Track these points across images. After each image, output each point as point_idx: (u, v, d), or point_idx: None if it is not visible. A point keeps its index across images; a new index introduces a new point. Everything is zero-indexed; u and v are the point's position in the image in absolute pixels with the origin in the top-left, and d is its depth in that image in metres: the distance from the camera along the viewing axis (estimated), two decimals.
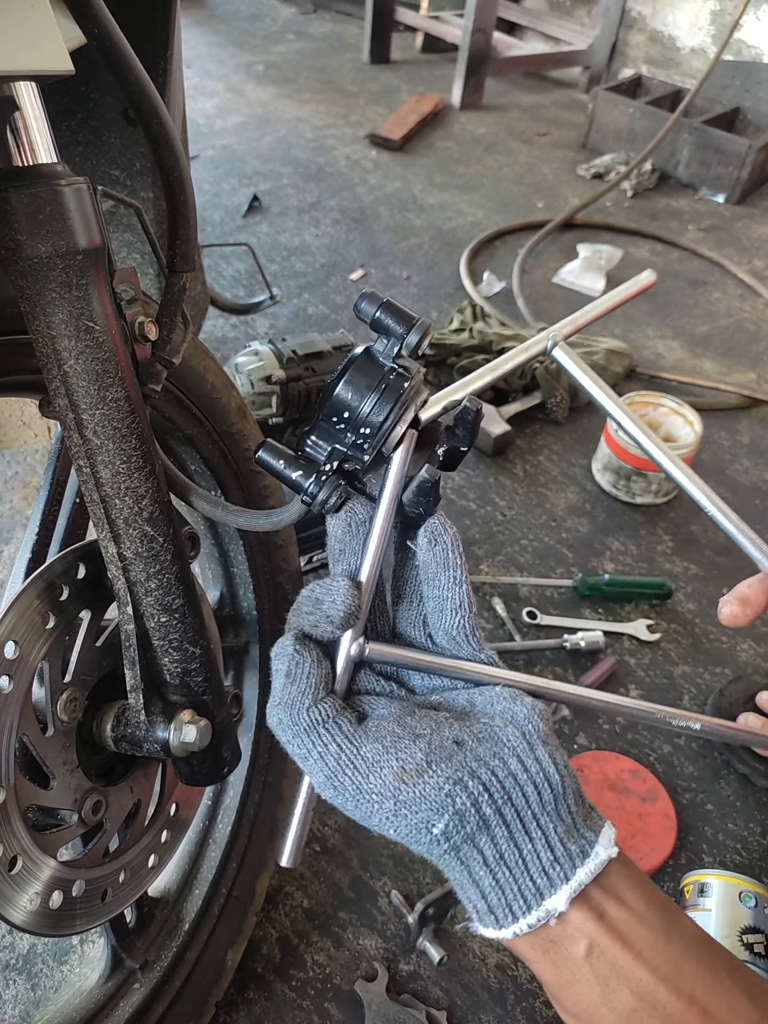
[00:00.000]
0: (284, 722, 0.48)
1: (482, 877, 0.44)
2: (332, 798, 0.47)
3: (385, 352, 0.50)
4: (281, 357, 1.39)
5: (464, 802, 0.44)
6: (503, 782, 0.45)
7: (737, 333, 2.44)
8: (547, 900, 0.43)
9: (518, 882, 0.44)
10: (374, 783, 0.45)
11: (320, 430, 0.51)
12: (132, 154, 0.91)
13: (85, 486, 0.58)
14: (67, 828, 0.64)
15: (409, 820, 0.44)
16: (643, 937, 0.44)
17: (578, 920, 0.43)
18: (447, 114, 3.71)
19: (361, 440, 0.50)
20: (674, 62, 3.91)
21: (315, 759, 0.46)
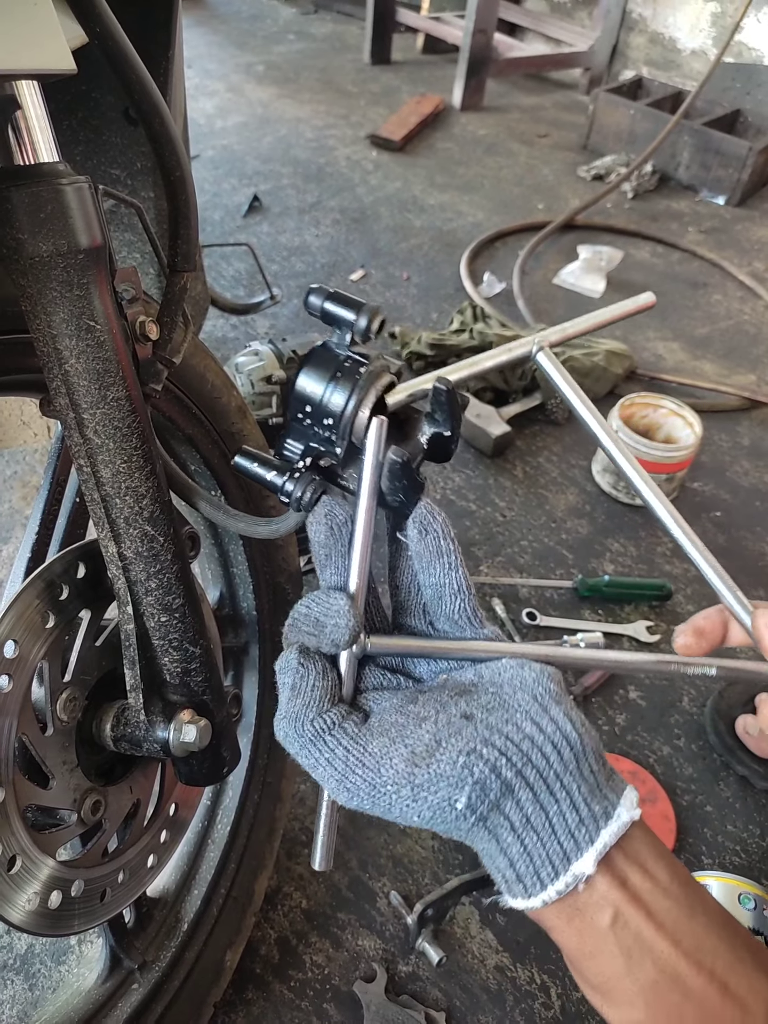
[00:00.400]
0: (290, 735, 0.48)
1: (510, 844, 0.44)
2: (348, 801, 0.46)
3: (339, 343, 0.50)
4: (281, 357, 1.39)
5: (483, 770, 0.43)
6: (519, 745, 0.44)
7: (737, 335, 2.44)
8: (574, 864, 0.43)
9: (546, 847, 0.43)
10: (386, 774, 0.45)
11: (292, 430, 0.52)
12: (133, 153, 0.91)
13: (85, 485, 0.57)
14: (66, 828, 0.64)
15: (430, 802, 0.44)
16: (666, 909, 0.43)
17: (603, 888, 0.43)
18: (448, 115, 3.71)
19: (328, 432, 0.50)
20: (675, 64, 3.92)
21: (323, 766, 0.46)
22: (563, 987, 1.07)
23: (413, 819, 0.45)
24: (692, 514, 1.80)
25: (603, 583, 1.57)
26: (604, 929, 0.43)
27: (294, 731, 0.47)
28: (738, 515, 1.81)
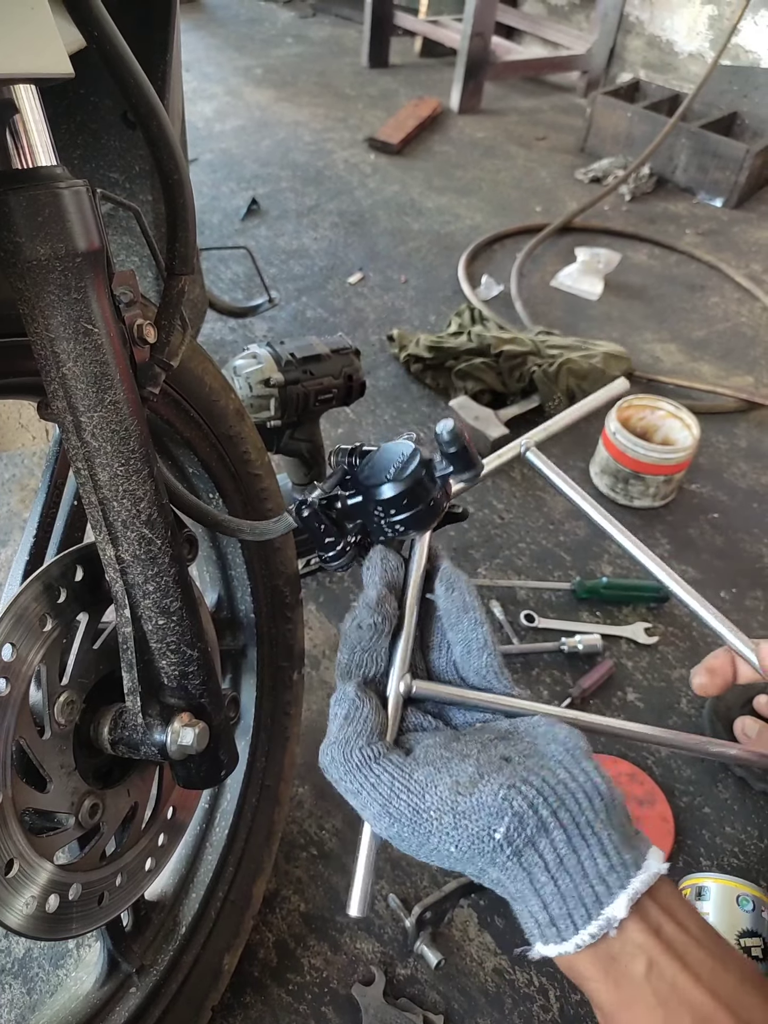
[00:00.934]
0: (337, 760, 0.51)
1: (544, 884, 0.44)
2: (388, 828, 0.48)
3: (440, 473, 0.57)
4: (279, 360, 1.38)
5: (521, 804, 0.45)
6: (555, 788, 0.46)
7: (735, 337, 2.45)
8: (606, 908, 0.43)
9: (578, 889, 0.44)
10: (430, 800, 0.47)
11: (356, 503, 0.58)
12: (131, 157, 0.91)
13: (83, 488, 0.57)
14: (64, 831, 0.64)
15: (470, 829, 0.45)
16: (701, 960, 0.43)
17: (637, 936, 0.43)
18: (445, 118, 3.72)
19: (388, 530, 0.57)
20: (672, 67, 3.92)
21: (368, 791, 0.49)
22: (561, 990, 1.07)
23: (451, 848, 0.46)
24: (690, 516, 1.80)
25: (601, 585, 1.57)
26: (639, 978, 0.43)
27: (342, 756, 0.50)
28: (736, 517, 1.81)
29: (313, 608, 1.52)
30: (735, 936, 1.02)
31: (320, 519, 0.58)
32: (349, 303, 2.43)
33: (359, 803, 0.50)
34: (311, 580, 1.57)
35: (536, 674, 1.44)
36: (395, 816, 0.47)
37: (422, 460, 0.56)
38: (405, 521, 0.56)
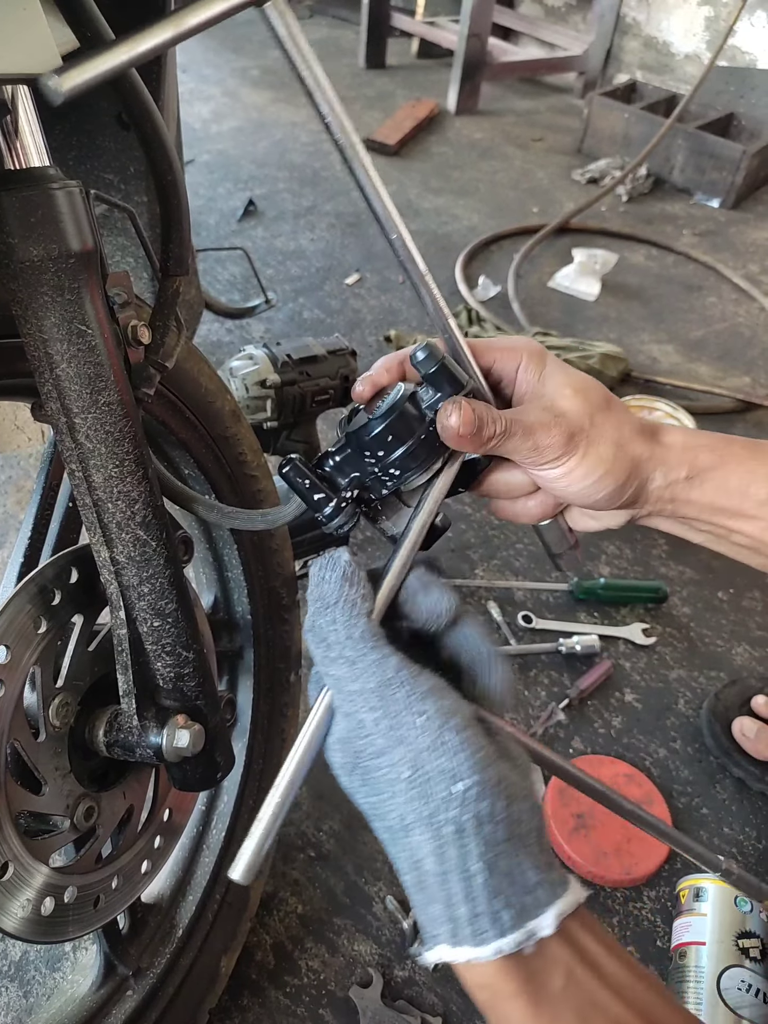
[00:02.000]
0: (338, 623, 0.46)
1: (474, 875, 0.41)
2: (368, 711, 0.44)
3: (429, 403, 0.53)
4: (276, 361, 1.38)
5: (491, 777, 0.42)
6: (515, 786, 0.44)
7: (732, 337, 2.45)
8: (532, 921, 0.41)
9: (507, 893, 0.41)
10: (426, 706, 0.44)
11: (346, 455, 0.53)
12: (126, 158, 0.91)
13: (77, 490, 0.57)
14: (59, 834, 0.64)
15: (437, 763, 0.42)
16: (616, 971, 0.42)
17: (556, 949, 0.42)
18: (443, 119, 3.72)
19: (386, 478, 0.53)
20: (669, 68, 3.93)
21: (369, 664, 0.45)
22: None
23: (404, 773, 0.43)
24: None
25: (599, 586, 1.57)
26: (558, 993, 0.41)
27: (347, 619, 0.46)
28: None
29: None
30: (733, 937, 1.01)
31: (303, 474, 0.53)
32: (346, 304, 2.42)
33: (350, 672, 0.45)
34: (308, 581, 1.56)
35: (534, 675, 1.44)
36: (386, 701, 0.44)
37: (405, 392, 0.53)
38: (397, 461, 0.52)
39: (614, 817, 1.19)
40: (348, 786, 0.47)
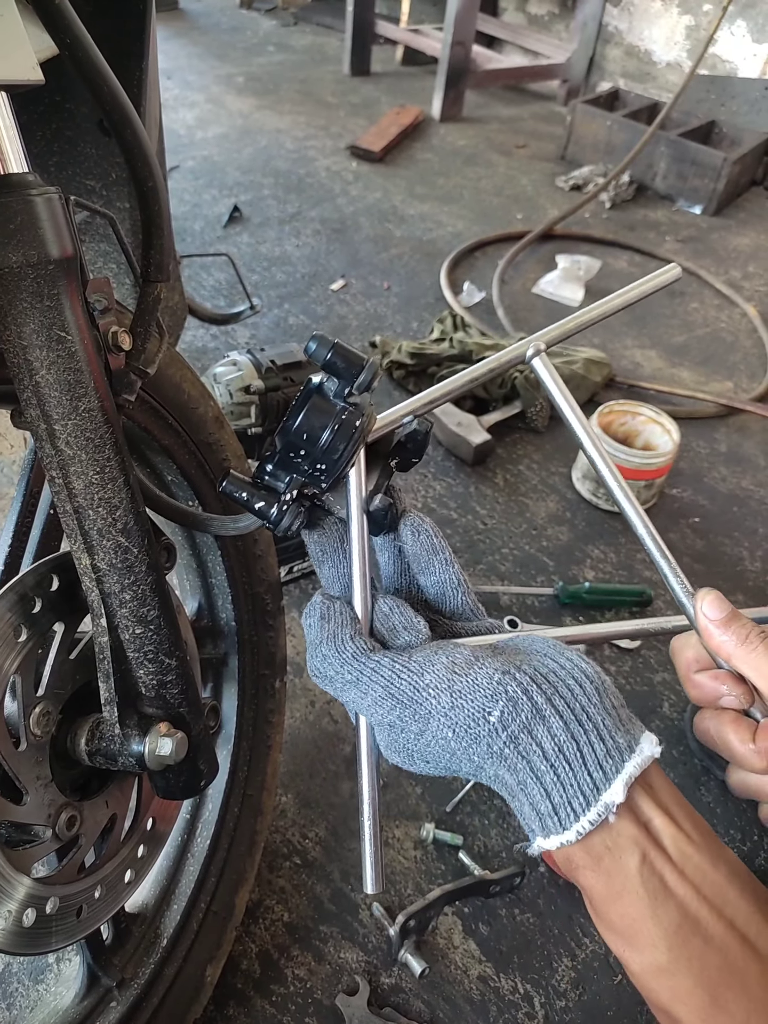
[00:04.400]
0: (328, 655, 0.50)
1: (544, 772, 0.45)
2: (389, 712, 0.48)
3: (336, 391, 0.53)
4: (260, 367, 1.38)
5: (515, 689, 0.45)
6: (546, 676, 0.46)
7: (714, 343, 2.47)
8: (604, 794, 0.44)
9: (577, 777, 0.44)
10: (429, 679, 0.47)
11: (279, 462, 0.55)
12: (108, 164, 0.91)
13: (58, 497, 0.57)
14: (41, 844, 0.63)
15: (466, 710, 0.46)
16: (689, 856, 0.44)
17: (631, 831, 0.44)
18: (427, 126, 3.74)
19: (318, 472, 0.54)
20: (651, 76, 3.97)
21: (368, 676, 0.49)
22: (546, 996, 1.06)
23: (447, 733, 0.46)
24: (671, 520, 1.81)
25: (584, 590, 1.57)
26: (632, 871, 0.44)
27: (334, 650, 0.50)
28: (716, 521, 1.83)
29: (296, 615, 1.51)
30: None
31: (241, 486, 0.55)
32: (332, 310, 2.43)
33: (358, 692, 0.49)
34: (293, 587, 1.56)
35: None
36: (398, 697, 0.48)
37: (312, 386, 0.54)
38: (320, 454, 0.53)
39: None
40: (419, 771, 0.51)
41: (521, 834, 1.22)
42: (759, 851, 1.24)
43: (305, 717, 1.35)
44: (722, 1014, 0.43)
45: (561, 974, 1.08)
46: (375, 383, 0.54)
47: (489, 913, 1.14)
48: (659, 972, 0.44)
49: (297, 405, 0.53)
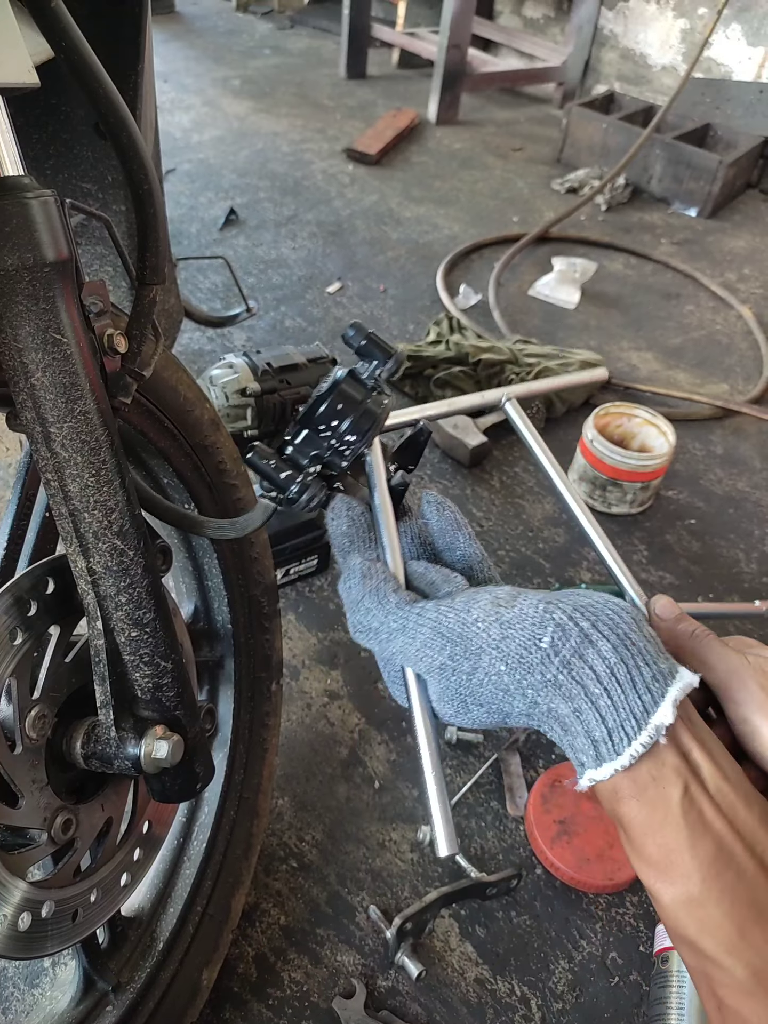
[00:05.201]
0: (372, 609, 0.52)
1: (598, 696, 0.45)
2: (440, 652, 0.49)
3: (368, 375, 0.59)
4: (256, 369, 1.38)
5: (562, 616, 0.47)
6: (588, 607, 0.48)
7: (710, 345, 2.48)
8: (654, 715, 0.44)
9: (628, 699, 0.45)
10: (476, 613, 0.49)
11: (302, 437, 0.59)
12: (104, 167, 0.91)
13: (53, 500, 0.57)
14: (36, 848, 0.63)
15: (517, 640, 0.47)
16: (725, 793, 0.45)
17: (674, 761, 0.45)
18: (423, 129, 3.74)
19: (343, 448, 0.58)
20: (646, 79, 3.98)
21: (415, 620, 0.50)
22: (543, 999, 1.06)
23: (500, 667, 0.47)
24: (667, 522, 1.82)
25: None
26: (674, 802, 0.45)
27: (377, 602, 0.52)
28: (712, 523, 1.83)
29: (292, 618, 1.51)
30: None
31: (268, 456, 0.59)
32: (328, 312, 2.43)
33: (405, 638, 0.50)
34: (290, 590, 1.56)
35: None
36: (447, 636, 0.49)
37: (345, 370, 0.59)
38: (351, 428, 0.57)
39: (597, 823, 1.19)
40: (472, 722, 0.51)
41: (517, 837, 1.22)
42: None
43: (301, 720, 1.35)
44: (749, 948, 0.44)
45: (558, 976, 1.08)
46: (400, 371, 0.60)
47: (486, 915, 1.14)
48: (690, 903, 0.44)
49: (331, 386, 0.58)
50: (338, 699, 1.39)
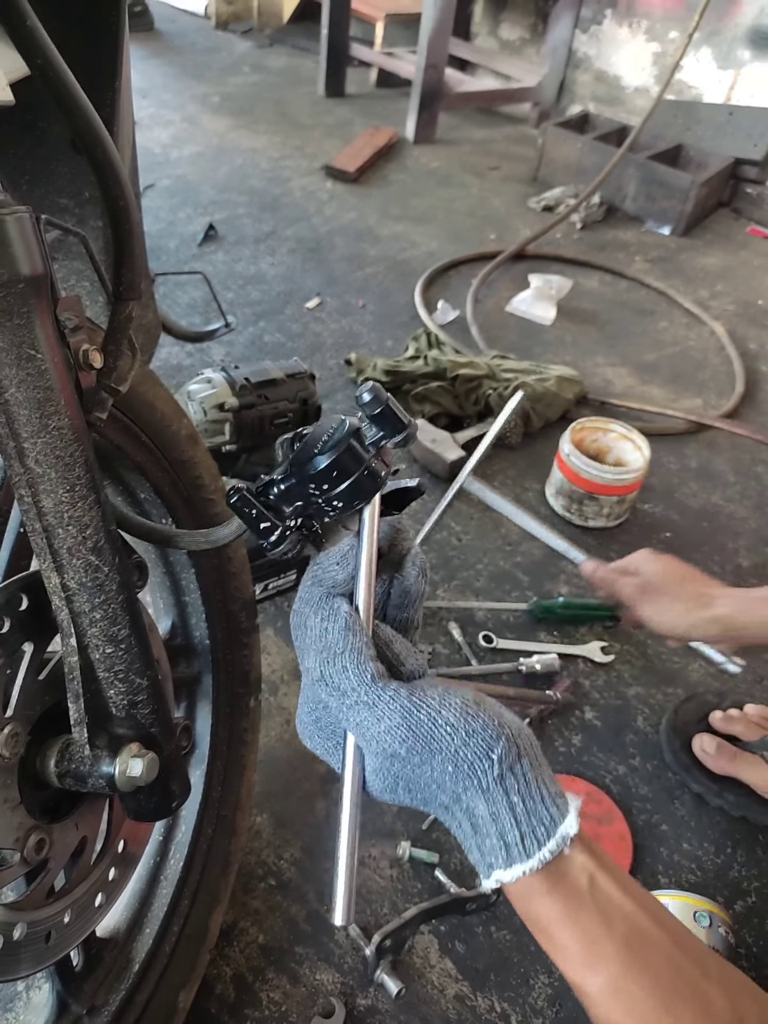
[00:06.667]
0: (349, 670, 0.51)
1: (516, 804, 0.49)
2: (402, 743, 0.49)
3: (371, 440, 0.55)
4: (234, 384, 1.38)
5: (509, 731, 0.50)
6: (519, 727, 0.52)
7: (683, 361, 2.51)
8: (561, 825, 0.49)
9: (538, 810, 0.49)
10: (448, 716, 0.50)
11: (290, 484, 0.55)
12: (81, 183, 0.91)
13: (27, 515, 0.57)
14: (8, 868, 0.62)
15: (473, 748, 0.49)
16: (625, 878, 0.51)
17: (581, 857, 0.50)
18: (401, 147, 3.78)
19: (330, 509, 0.55)
20: (619, 100, 4.05)
21: (387, 702, 0.50)
22: (523, 1014, 1.06)
23: (448, 768, 0.49)
24: (643, 535, 1.83)
25: (558, 605, 1.58)
26: (584, 891, 0.49)
27: (355, 667, 0.51)
28: (687, 535, 1.85)
29: (271, 633, 1.51)
30: None
31: (251, 504, 0.55)
32: (307, 328, 2.44)
33: (373, 716, 0.50)
34: (268, 605, 1.55)
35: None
36: (415, 730, 0.49)
37: (351, 428, 0.54)
38: (342, 494, 0.54)
39: None
40: (393, 800, 0.53)
41: None
42: (732, 863, 1.25)
43: (280, 736, 1.34)
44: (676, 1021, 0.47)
45: (538, 991, 1.08)
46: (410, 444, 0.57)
47: (466, 931, 1.13)
48: (616, 989, 0.47)
49: (332, 444, 0.53)
50: None
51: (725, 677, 1.53)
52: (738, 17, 3.47)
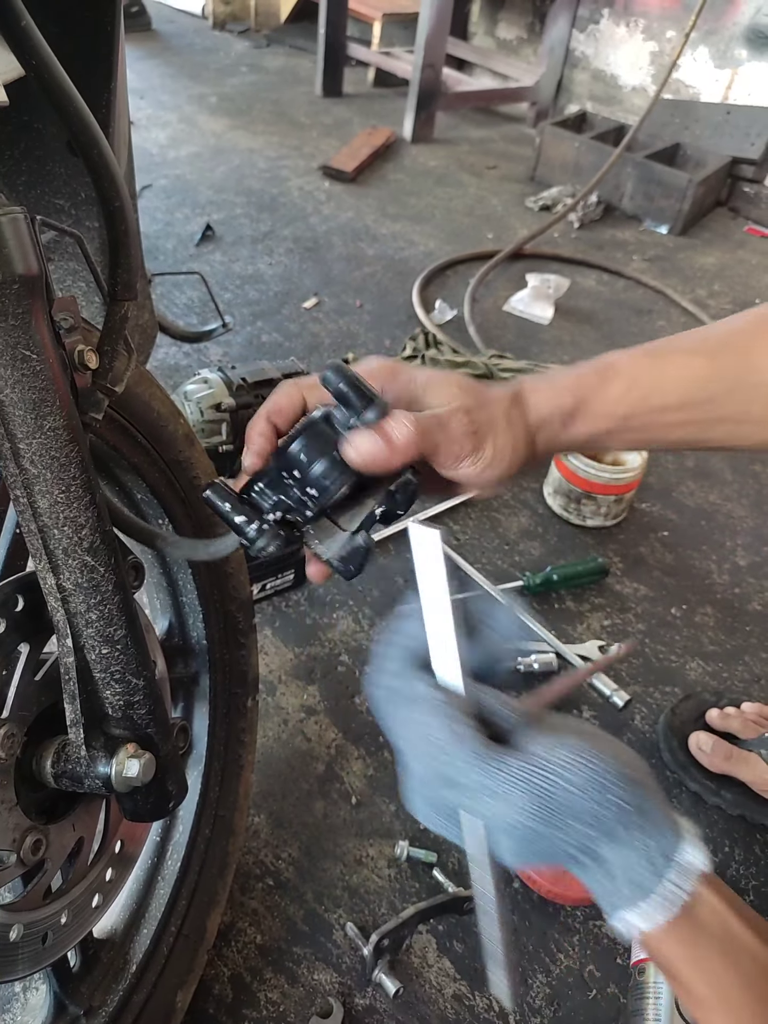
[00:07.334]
0: (457, 759, 0.47)
1: (651, 847, 0.47)
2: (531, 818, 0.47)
3: (343, 422, 0.53)
4: (231, 385, 1.38)
5: (630, 772, 0.49)
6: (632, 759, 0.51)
7: None
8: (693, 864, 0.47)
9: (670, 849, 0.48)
10: (570, 777, 0.47)
11: (271, 481, 0.54)
12: (77, 184, 0.91)
13: (22, 516, 0.57)
14: (5, 869, 0.62)
15: (605, 804, 0.47)
16: (751, 914, 0.49)
17: (707, 894, 0.47)
18: (399, 147, 3.78)
19: (307, 499, 0.53)
20: (616, 99, 4.05)
21: (503, 778, 0.47)
22: (521, 1014, 1.06)
23: (578, 826, 0.47)
24: (641, 534, 1.83)
25: (550, 575, 1.64)
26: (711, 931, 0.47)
27: (465, 752, 0.47)
28: (685, 535, 1.85)
29: (268, 633, 1.51)
30: None
31: (224, 497, 0.54)
32: (304, 328, 2.44)
33: (495, 799, 0.47)
34: (266, 605, 1.55)
35: None
36: (544, 801, 0.46)
37: (321, 413, 0.53)
38: (315, 480, 0.52)
39: None
40: (521, 864, 0.50)
41: None
42: (730, 862, 1.25)
43: (278, 736, 1.34)
44: None
45: (536, 991, 1.08)
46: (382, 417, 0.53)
47: (464, 930, 1.13)
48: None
49: (299, 428, 0.53)
50: (315, 714, 1.38)
51: (723, 676, 1.53)
52: (735, 16, 3.47)
